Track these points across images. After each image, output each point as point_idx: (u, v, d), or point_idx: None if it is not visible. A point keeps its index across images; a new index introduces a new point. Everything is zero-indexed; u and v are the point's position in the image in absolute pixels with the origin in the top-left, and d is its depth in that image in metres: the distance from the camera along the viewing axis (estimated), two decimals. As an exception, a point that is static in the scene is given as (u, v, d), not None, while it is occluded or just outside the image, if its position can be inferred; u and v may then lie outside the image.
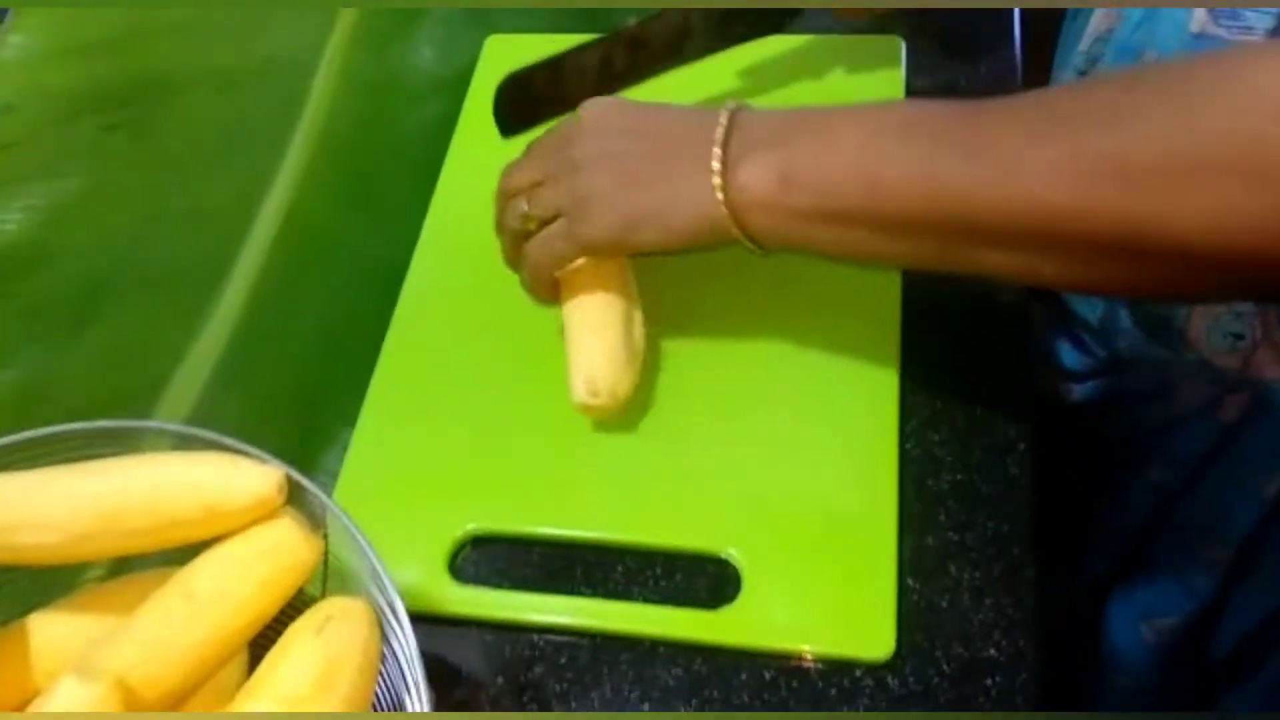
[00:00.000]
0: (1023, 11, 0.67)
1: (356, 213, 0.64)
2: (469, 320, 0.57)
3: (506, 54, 0.68)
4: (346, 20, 0.73)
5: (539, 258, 0.51)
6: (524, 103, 0.57)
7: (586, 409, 0.51)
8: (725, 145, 0.45)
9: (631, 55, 0.57)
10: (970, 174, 0.40)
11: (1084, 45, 0.58)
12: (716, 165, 0.45)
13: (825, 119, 0.45)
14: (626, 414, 0.52)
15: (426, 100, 0.68)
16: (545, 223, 0.50)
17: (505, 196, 0.52)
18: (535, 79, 0.56)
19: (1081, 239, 0.38)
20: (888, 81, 0.63)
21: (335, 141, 0.67)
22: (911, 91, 0.63)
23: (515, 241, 0.52)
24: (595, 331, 0.51)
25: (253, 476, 0.38)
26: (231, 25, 0.75)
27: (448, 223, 0.62)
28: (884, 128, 0.43)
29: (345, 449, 0.54)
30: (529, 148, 0.53)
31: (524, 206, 0.50)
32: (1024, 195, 0.39)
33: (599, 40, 0.57)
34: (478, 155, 0.63)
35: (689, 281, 0.56)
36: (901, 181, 0.42)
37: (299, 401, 0.57)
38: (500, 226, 0.53)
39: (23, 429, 0.56)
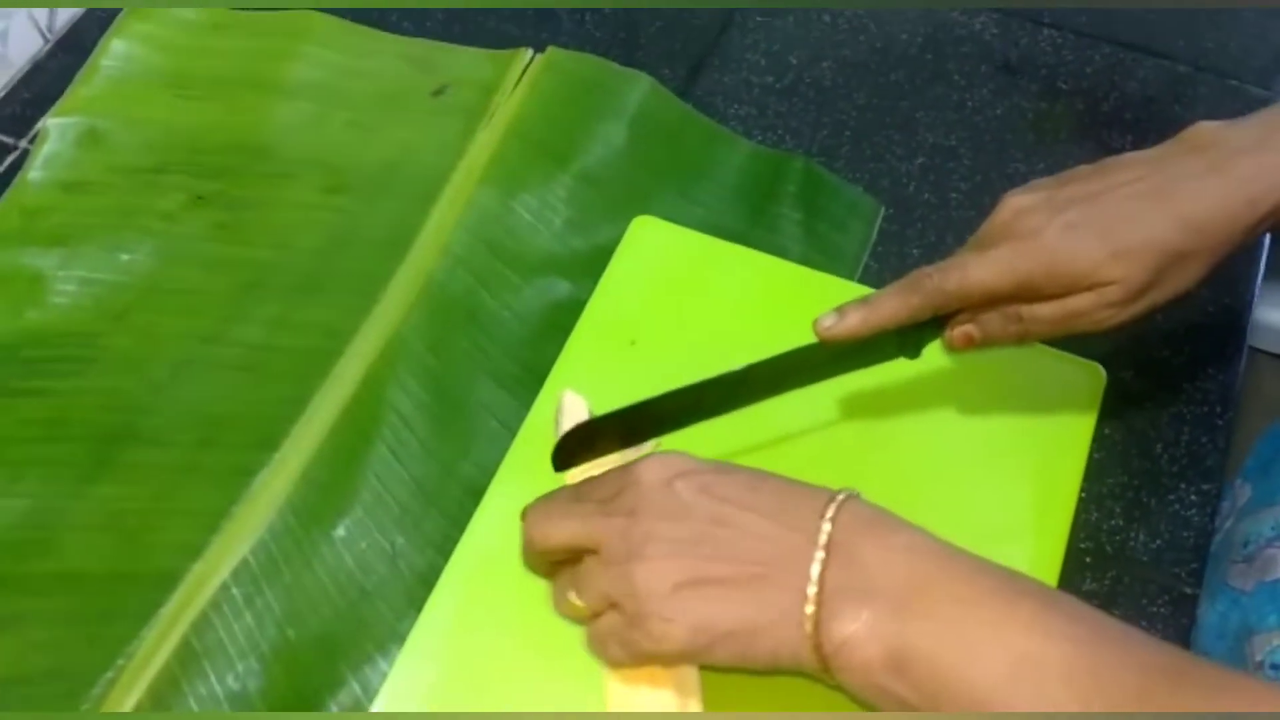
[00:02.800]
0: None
1: (440, 403, 0.55)
2: (532, 604, 0.47)
3: (652, 241, 0.59)
4: (480, 146, 0.64)
5: (593, 650, 0.44)
6: (591, 445, 0.48)
7: None
8: (824, 575, 0.38)
9: (725, 395, 0.47)
10: None
11: None
12: (811, 604, 0.38)
13: (964, 603, 0.37)
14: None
15: (550, 274, 0.59)
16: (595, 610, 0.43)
17: (537, 545, 0.45)
18: (613, 423, 0.47)
19: None
20: (1074, 418, 0.54)
21: (435, 299, 0.58)
22: (1097, 436, 0.54)
23: (568, 612, 0.46)
24: None
25: None
26: (355, 102, 0.66)
27: (540, 449, 0.52)
28: (1046, 655, 0.36)
29: (353, 704, 0.47)
30: (572, 491, 0.45)
31: (571, 591, 0.43)
32: None
33: (691, 386, 0.47)
34: (598, 367, 0.54)
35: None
36: None
37: (317, 639, 0.49)
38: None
39: (16, 577, 0.50)
